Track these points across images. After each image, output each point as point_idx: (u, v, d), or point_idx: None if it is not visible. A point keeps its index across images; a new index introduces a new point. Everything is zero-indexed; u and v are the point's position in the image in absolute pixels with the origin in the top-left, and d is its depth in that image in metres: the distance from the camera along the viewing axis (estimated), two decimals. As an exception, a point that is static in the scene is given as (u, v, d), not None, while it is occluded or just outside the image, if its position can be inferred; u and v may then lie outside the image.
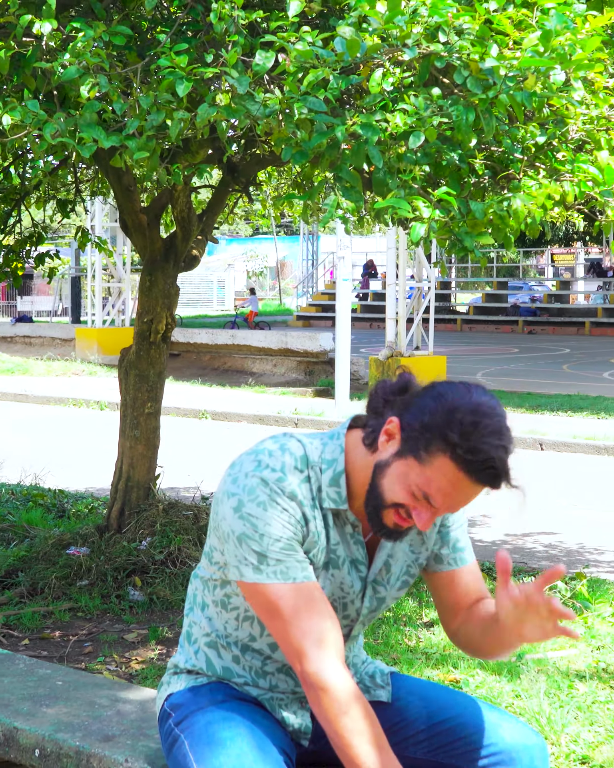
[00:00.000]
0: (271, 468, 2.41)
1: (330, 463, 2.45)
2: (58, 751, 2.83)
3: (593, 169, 3.99)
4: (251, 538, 2.38)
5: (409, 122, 3.67)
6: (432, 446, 2.29)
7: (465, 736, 2.60)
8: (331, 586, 2.50)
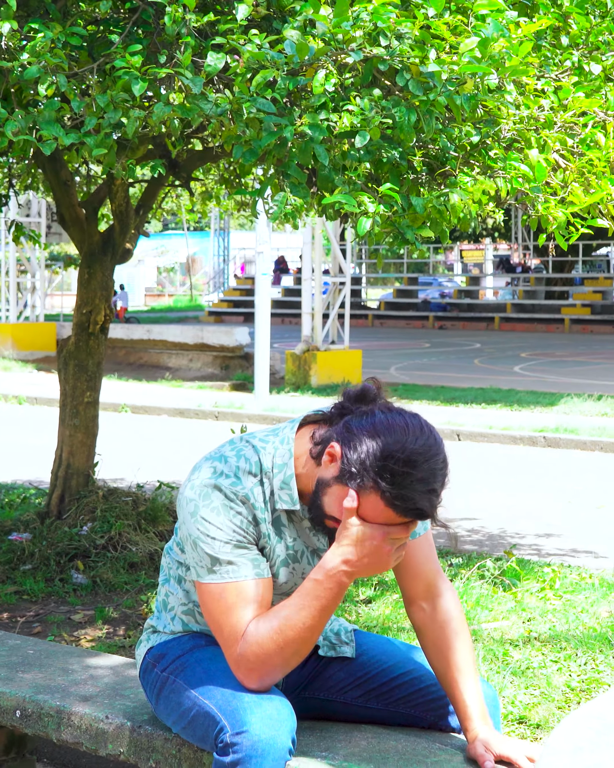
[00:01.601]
0: (226, 474, 2.59)
1: (281, 467, 2.63)
2: (38, 711, 3.01)
3: (524, 167, 4.24)
4: (204, 542, 2.56)
5: (355, 122, 3.89)
6: (366, 484, 2.46)
7: (423, 688, 2.83)
8: (293, 578, 2.70)
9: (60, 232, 23.92)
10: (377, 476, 2.44)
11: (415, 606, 2.81)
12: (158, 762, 2.79)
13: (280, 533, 2.65)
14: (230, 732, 2.43)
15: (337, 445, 2.53)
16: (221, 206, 8.64)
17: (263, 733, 2.41)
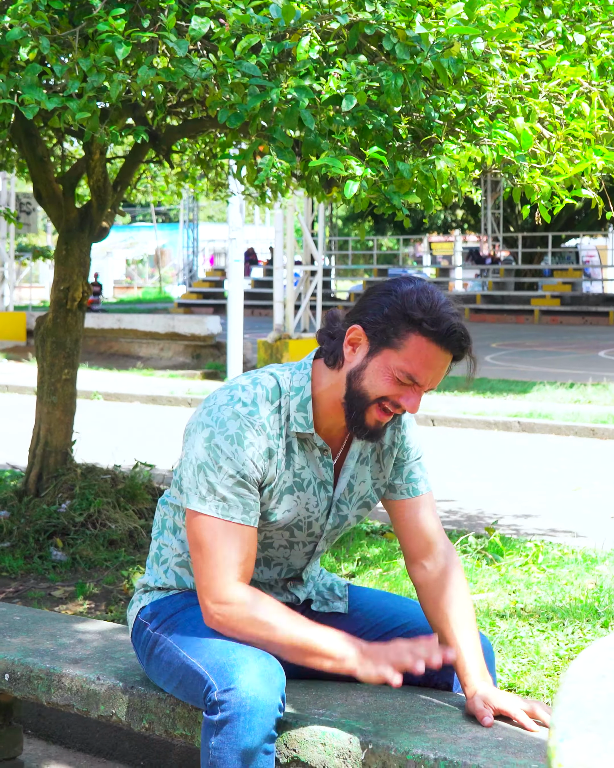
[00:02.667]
0: (243, 402, 2.57)
1: (298, 390, 2.62)
2: (28, 674, 2.96)
3: (510, 135, 4.22)
4: (210, 468, 2.53)
5: (342, 86, 3.85)
6: (401, 329, 2.51)
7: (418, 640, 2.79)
8: (297, 507, 2.66)
9: (28, 223, 23.77)
10: (408, 312, 2.50)
11: (416, 565, 2.80)
12: (152, 722, 2.75)
13: (289, 460, 2.63)
14: (217, 690, 2.40)
15: (357, 326, 2.56)
16: (196, 187, 8.58)
17: (251, 689, 2.37)
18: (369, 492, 2.78)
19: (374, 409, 2.57)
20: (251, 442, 2.54)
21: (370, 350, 2.55)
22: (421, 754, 2.44)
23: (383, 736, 2.51)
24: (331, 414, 2.65)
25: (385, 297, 2.55)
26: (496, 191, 35.74)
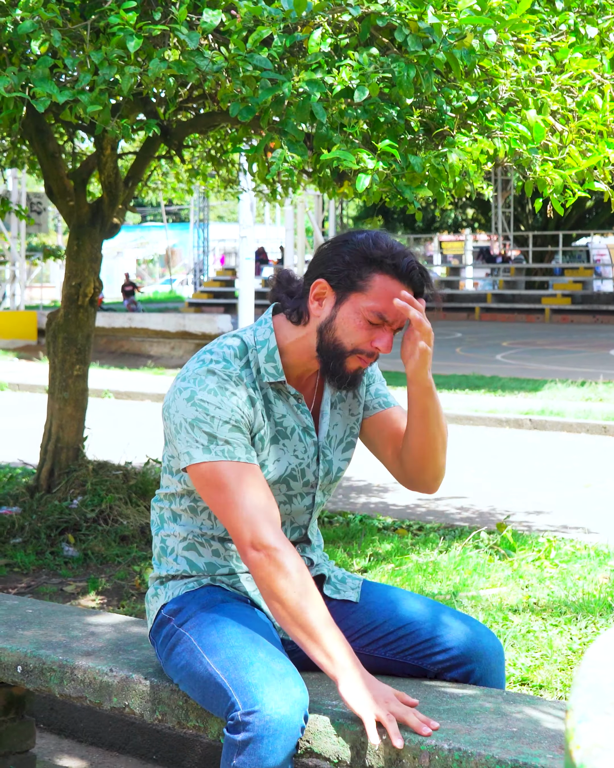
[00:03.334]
0: (215, 361, 2.62)
1: (263, 343, 2.68)
2: (41, 666, 2.95)
3: (522, 127, 4.20)
4: (203, 420, 2.56)
5: (354, 77, 3.84)
6: (364, 271, 2.59)
7: (429, 639, 2.79)
8: (286, 456, 2.70)
9: (39, 223, 23.81)
10: (368, 254, 2.58)
11: (394, 465, 2.83)
12: (164, 714, 2.74)
13: (269, 411, 2.67)
14: (241, 710, 2.38)
15: (321, 280, 2.63)
16: (207, 184, 8.58)
17: (275, 712, 2.35)
18: (350, 431, 2.84)
19: (351, 359, 2.62)
20: (233, 392, 2.59)
21: (337, 299, 2.62)
22: (435, 745, 2.42)
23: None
24: (300, 364, 2.71)
25: (343, 247, 2.62)
26: (507, 190, 35.70)
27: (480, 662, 2.80)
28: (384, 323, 2.60)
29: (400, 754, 2.46)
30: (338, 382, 2.66)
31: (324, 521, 6.67)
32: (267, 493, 2.56)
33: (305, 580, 2.48)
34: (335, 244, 2.65)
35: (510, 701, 2.71)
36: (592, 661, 1.53)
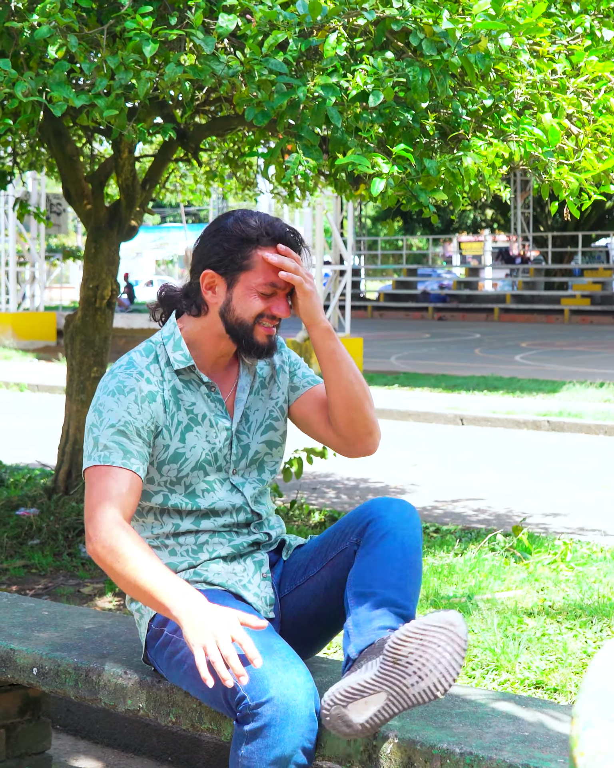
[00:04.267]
0: (119, 365, 2.78)
1: (168, 336, 2.83)
2: (56, 668, 2.97)
3: (537, 131, 4.20)
4: (95, 425, 2.71)
5: (369, 81, 3.85)
6: (246, 251, 2.74)
7: (343, 527, 2.78)
8: (200, 441, 2.80)
9: (59, 224, 23.87)
10: (241, 236, 2.72)
11: (329, 433, 2.89)
12: (178, 716, 2.76)
13: (177, 401, 2.78)
14: (251, 703, 2.40)
15: (207, 271, 2.76)
16: (225, 186, 8.60)
17: (283, 702, 2.39)
18: (269, 414, 2.92)
19: (257, 328, 2.77)
20: (131, 388, 2.72)
21: (229, 283, 2.76)
22: (447, 749, 2.44)
23: (409, 731, 2.51)
24: (213, 352, 2.84)
25: (217, 236, 2.76)
26: (526, 190, 35.65)
27: (387, 519, 2.70)
28: (276, 290, 2.76)
29: (412, 758, 2.47)
30: (256, 354, 2.81)
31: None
32: (117, 490, 2.64)
33: (126, 552, 2.56)
34: (209, 235, 2.79)
35: (522, 705, 2.72)
36: (599, 667, 1.53)
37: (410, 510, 2.73)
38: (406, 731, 2.51)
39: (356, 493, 8.16)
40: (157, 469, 2.78)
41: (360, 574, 2.64)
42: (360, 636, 2.54)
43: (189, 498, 2.80)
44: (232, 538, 2.83)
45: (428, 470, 9.02)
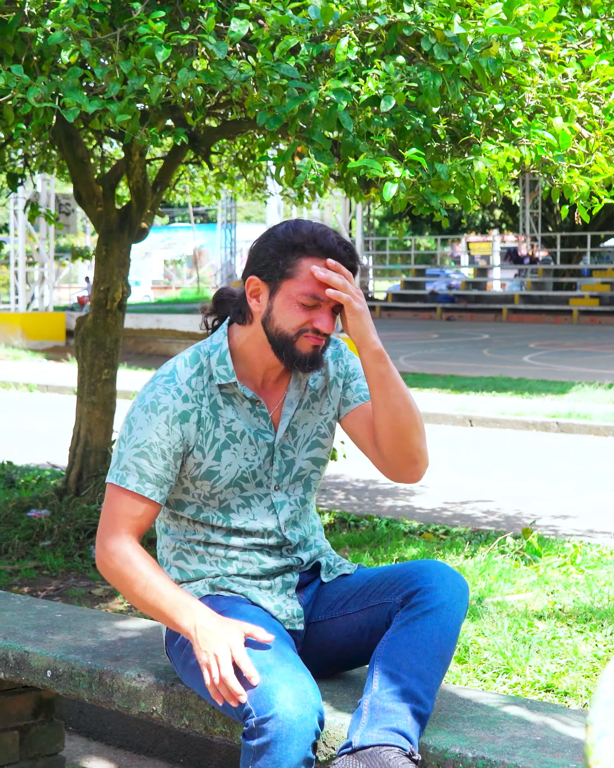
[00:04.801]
0: (161, 375, 2.72)
1: (216, 347, 2.75)
2: (70, 670, 2.99)
3: (548, 135, 4.22)
4: (123, 440, 2.70)
5: (380, 86, 3.87)
6: (290, 259, 2.64)
7: (392, 577, 2.74)
8: (237, 460, 2.75)
9: (68, 224, 23.90)
10: (289, 242, 2.64)
11: (375, 454, 2.79)
12: (192, 719, 2.77)
13: (216, 418, 2.72)
14: (256, 717, 2.41)
15: (252, 277, 2.69)
16: (235, 188, 8.62)
17: (288, 718, 2.39)
18: (317, 430, 2.84)
19: (301, 340, 2.67)
20: (166, 406, 2.66)
21: (271, 291, 2.67)
22: (459, 753, 2.45)
23: (421, 735, 2.52)
24: (259, 363, 2.75)
25: (266, 242, 2.69)
26: (535, 191, 35.63)
27: (440, 596, 2.64)
28: (320, 303, 2.65)
29: (425, 763, 2.48)
30: (299, 366, 2.71)
31: (350, 525, 6.70)
32: (128, 513, 2.66)
33: (134, 573, 2.62)
34: (260, 240, 2.72)
35: (534, 709, 2.73)
36: (611, 675, 1.54)
37: (462, 588, 2.67)
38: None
39: (365, 495, 8.18)
40: (191, 483, 2.74)
41: (392, 650, 2.60)
42: (370, 727, 2.49)
43: (222, 513, 2.77)
44: (261, 561, 2.79)
45: (437, 472, 9.03)
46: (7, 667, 3.12)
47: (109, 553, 2.66)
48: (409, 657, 2.57)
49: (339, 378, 2.85)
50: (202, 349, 2.76)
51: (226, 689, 2.46)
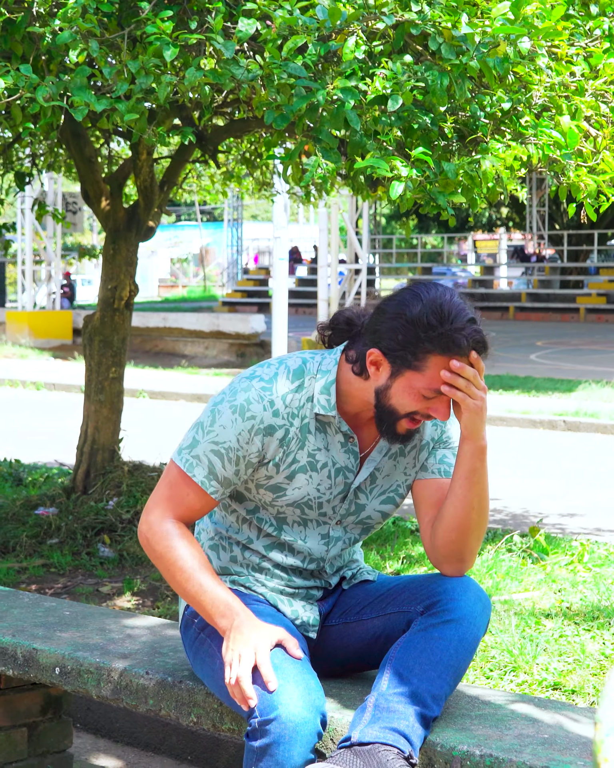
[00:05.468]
0: (261, 377, 2.65)
1: (324, 373, 2.67)
2: (78, 667, 3.00)
3: (556, 133, 4.22)
4: (203, 428, 2.64)
5: (387, 86, 3.87)
6: (419, 352, 2.54)
7: (414, 588, 2.74)
8: (307, 487, 2.70)
9: (75, 222, 23.92)
10: (423, 338, 2.52)
11: (428, 533, 2.74)
12: (199, 716, 2.78)
13: (303, 441, 2.66)
14: (259, 718, 2.42)
15: (374, 350, 2.59)
16: (242, 186, 8.62)
17: (290, 720, 2.40)
18: (395, 487, 2.79)
19: (404, 421, 2.63)
20: (253, 414, 2.60)
21: (393, 372, 2.59)
22: (467, 750, 2.46)
23: (424, 740, 2.52)
24: (358, 406, 2.69)
25: (396, 321, 2.56)
26: (542, 189, 35.59)
27: (462, 609, 2.63)
28: (440, 395, 2.58)
29: (432, 760, 2.49)
30: (389, 439, 2.67)
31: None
32: (188, 503, 2.65)
33: (180, 557, 2.61)
34: (390, 315, 2.58)
35: (542, 707, 2.74)
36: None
37: (484, 603, 2.66)
38: (426, 733, 2.53)
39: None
40: (255, 487, 2.71)
41: (406, 653, 2.59)
42: (371, 725, 2.48)
43: (277, 521, 2.75)
44: (291, 580, 2.78)
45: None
46: (15, 664, 3.13)
47: (156, 534, 2.63)
48: (423, 662, 2.57)
49: (432, 442, 2.78)
50: (308, 367, 2.67)
51: (239, 690, 2.46)
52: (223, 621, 2.56)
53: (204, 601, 2.59)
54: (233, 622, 2.55)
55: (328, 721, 2.57)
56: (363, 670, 2.89)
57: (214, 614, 2.58)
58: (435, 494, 2.75)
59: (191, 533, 2.68)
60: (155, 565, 2.69)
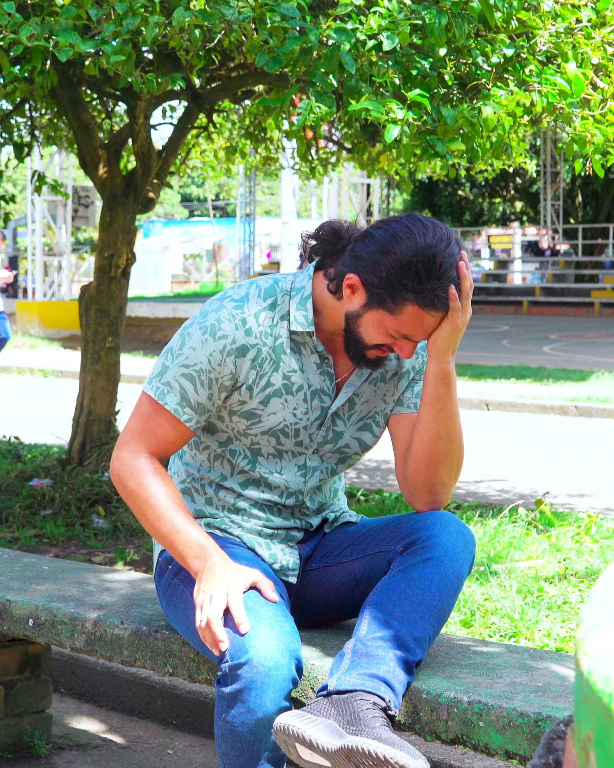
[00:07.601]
0: (231, 298, 2.52)
1: (299, 290, 2.55)
2: (52, 618, 2.86)
3: (561, 80, 4.06)
4: (172, 353, 2.51)
5: (383, 24, 3.72)
6: (398, 297, 2.42)
7: (393, 526, 2.60)
8: (283, 411, 2.56)
9: (87, 216, 23.84)
10: (407, 286, 2.40)
11: (400, 467, 2.62)
12: (175, 667, 2.64)
13: (277, 363, 2.54)
14: (230, 662, 2.28)
15: (354, 275, 2.46)
16: (247, 162, 8.49)
17: (263, 664, 2.25)
18: (373, 414, 2.66)
19: (373, 351, 2.52)
20: (225, 334, 2.47)
21: (367, 303, 2.47)
22: (454, 697, 2.30)
23: (408, 686, 2.37)
24: (330, 327, 2.57)
25: (383, 257, 2.42)
26: (556, 182, 35.40)
27: (443, 546, 2.48)
28: (406, 339, 2.49)
29: (417, 707, 2.34)
30: (358, 364, 2.56)
31: (360, 499, 6.56)
32: (162, 435, 2.51)
33: (153, 494, 2.47)
34: (379, 246, 2.44)
35: (537, 658, 2.59)
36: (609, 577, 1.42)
37: (467, 538, 2.51)
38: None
39: (377, 474, 8.04)
40: (228, 415, 2.57)
41: (385, 595, 2.44)
42: (350, 671, 2.33)
43: (251, 453, 2.60)
44: (269, 519, 2.64)
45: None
46: (-12, 617, 2.99)
47: (128, 469, 2.49)
48: (403, 604, 2.42)
49: (412, 371, 2.66)
50: (281, 286, 2.56)
51: (210, 633, 2.32)
52: (195, 562, 2.42)
53: (176, 541, 2.44)
54: (206, 563, 2.40)
55: (310, 670, 2.43)
56: (346, 619, 2.74)
57: (187, 555, 2.43)
58: (410, 429, 2.62)
59: (165, 470, 2.54)
60: (127, 503, 2.54)
